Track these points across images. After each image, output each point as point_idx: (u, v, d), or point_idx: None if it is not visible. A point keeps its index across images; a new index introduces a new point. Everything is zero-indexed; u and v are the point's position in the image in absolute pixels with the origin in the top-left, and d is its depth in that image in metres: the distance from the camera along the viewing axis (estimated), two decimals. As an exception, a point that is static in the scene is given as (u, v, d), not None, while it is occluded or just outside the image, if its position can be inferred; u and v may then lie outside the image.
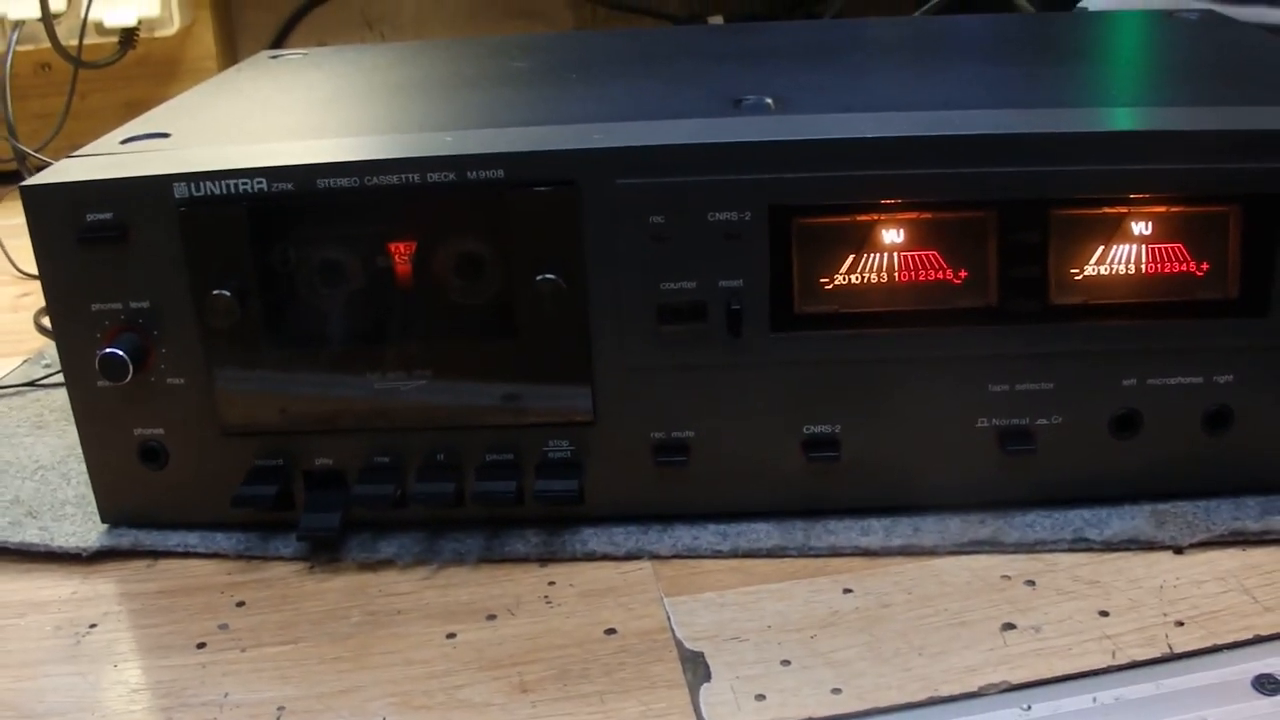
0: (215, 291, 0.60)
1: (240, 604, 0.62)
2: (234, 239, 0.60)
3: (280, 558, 0.65)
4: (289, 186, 0.60)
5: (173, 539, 0.66)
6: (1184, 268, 0.61)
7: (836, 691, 0.54)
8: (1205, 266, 0.60)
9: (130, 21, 1.20)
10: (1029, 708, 0.53)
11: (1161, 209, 0.60)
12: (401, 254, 0.61)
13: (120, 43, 1.22)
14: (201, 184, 0.60)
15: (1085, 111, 0.63)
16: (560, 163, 0.59)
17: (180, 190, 0.60)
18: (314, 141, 0.64)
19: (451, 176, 0.59)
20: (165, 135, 0.67)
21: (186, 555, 0.66)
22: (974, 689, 0.54)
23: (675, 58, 0.84)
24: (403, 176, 0.59)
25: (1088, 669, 0.54)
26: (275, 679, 0.56)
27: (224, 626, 0.60)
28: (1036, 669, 0.54)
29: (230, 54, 1.39)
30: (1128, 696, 0.53)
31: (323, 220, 0.61)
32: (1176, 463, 0.63)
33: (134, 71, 1.25)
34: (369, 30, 1.36)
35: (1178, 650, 0.55)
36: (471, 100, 0.74)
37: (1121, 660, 0.55)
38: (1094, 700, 0.53)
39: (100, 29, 1.20)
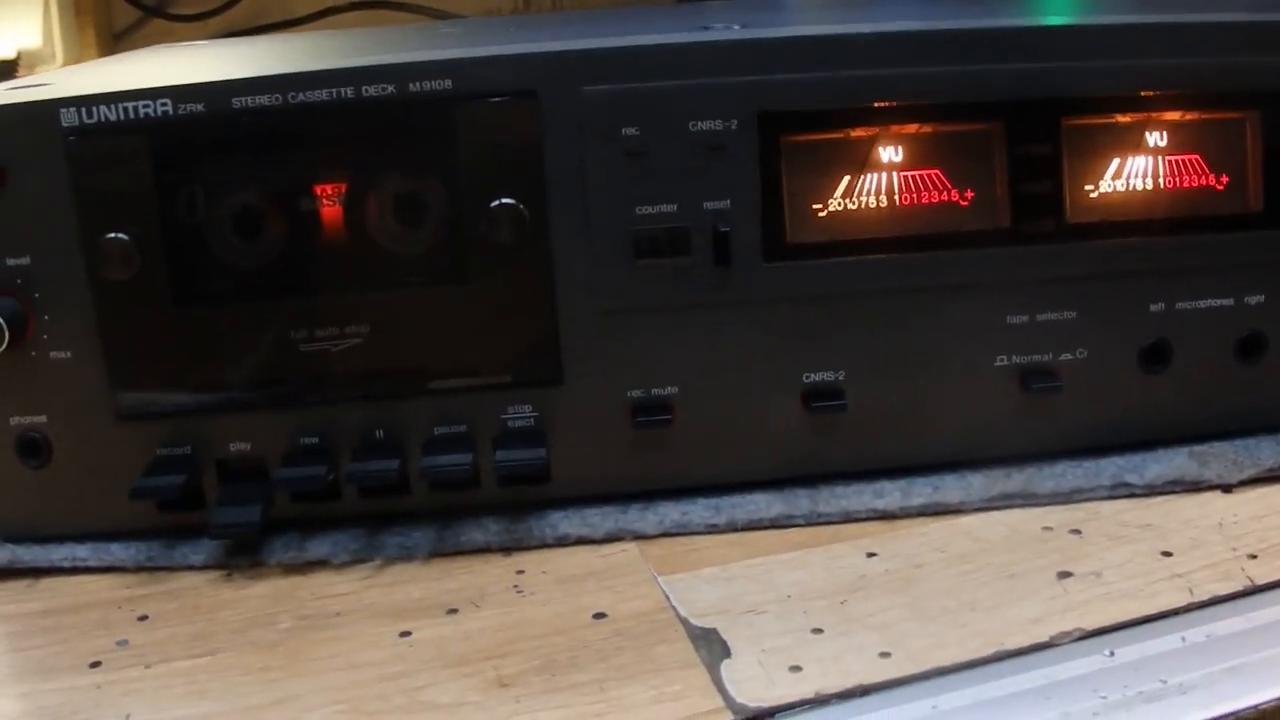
0: (111, 235, 0.48)
1: (143, 618, 0.48)
2: (133, 174, 0.48)
3: (190, 567, 0.51)
4: (199, 108, 0.48)
5: (58, 553, 0.52)
6: (1203, 181, 0.52)
7: (885, 655, 0.43)
8: (1225, 179, 0.52)
9: (9, 54, 1.07)
10: (1112, 653, 0.42)
11: (1175, 116, 0.52)
12: (333, 188, 0.49)
13: (-1, 77, 1.09)
14: (94, 109, 0.48)
15: (1089, 13, 0.55)
16: (517, 69, 0.49)
17: (69, 117, 0.48)
18: (228, 65, 0.52)
19: (391, 90, 0.48)
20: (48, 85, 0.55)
21: (75, 571, 0.52)
22: (1045, 639, 0.43)
23: (626, 17, 0.73)
24: (333, 92, 0.48)
25: (1167, 609, 0.44)
26: (189, 695, 0.43)
27: (123, 643, 0.46)
28: (1109, 613, 0.44)
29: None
30: (1219, 633, 0.43)
31: (240, 150, 0.49)
32: (1211, 398, 0.55)
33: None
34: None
35: (1260, 582, 0.46)
36: (403, 44, 0.63)
37: (1201, 597, 0.45)
38: (1183, 640, 0.43)
39: (-22, 61, 1.07)
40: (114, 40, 1.23)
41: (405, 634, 0.46)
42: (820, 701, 0.41)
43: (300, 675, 0.44)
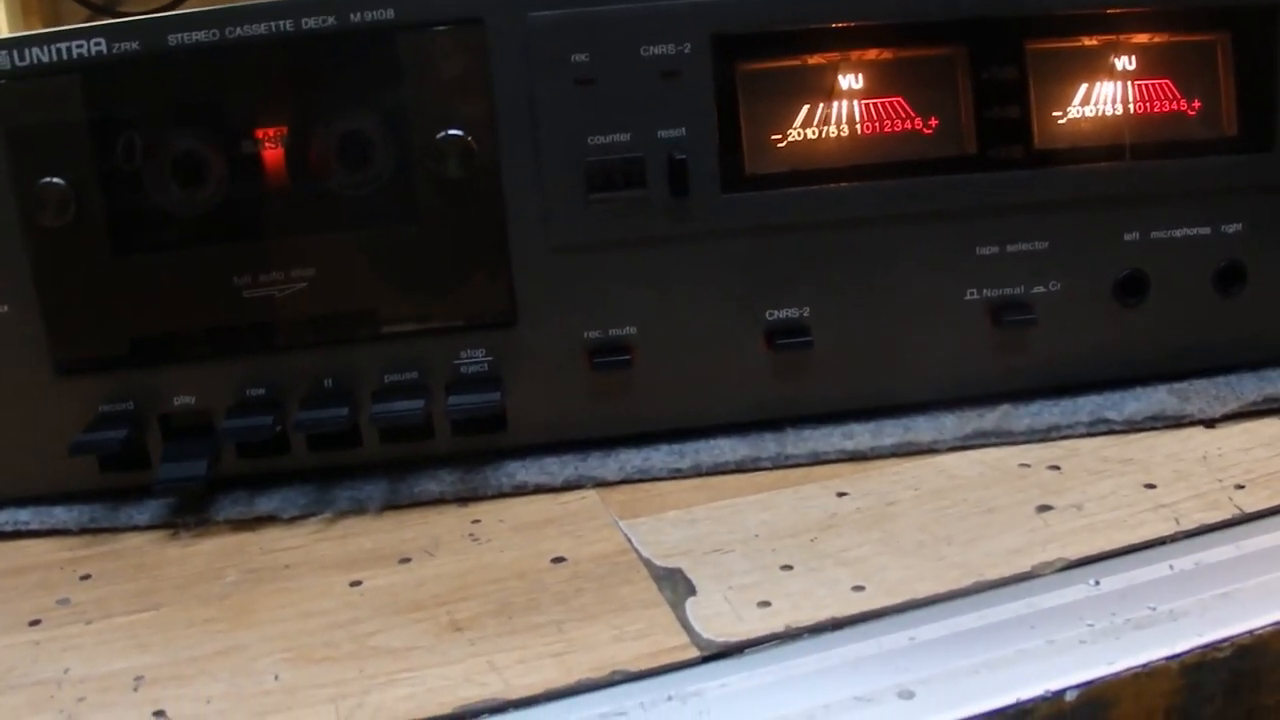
0: (45, 180, 0.45)
1: (85, 577, 0.45)
2: (68, 117, 0.45)
3: (135, 527, 0.49)
4: (133, 46, 0.45)
5: (-2, 517, 0.50)
6: (1174, 106, 0.50)
7: (859, 589, 0.40)
8: (1197, 104, 0.50)
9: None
10: (1097, 583, 0.39)
11: (1144, 39, 0.49)
12: (275, 127, 0.46)
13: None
14: (26, 50, 0.45)
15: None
16: (462, -4, 0.46)
17: (0, 60, 0.45)
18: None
19: (331, 21, 0.45)
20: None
21: (18, 535, 0.49)
22: (1026, 569, 0.40)
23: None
24: (272, 25, 0.45)
25: (1153, 538, 0.42)
26: (130, 648, 0.40)
27: (64, 601, 0.43)
28: (1093, 544, 0.41)
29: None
30: (1209, 560, 0.40)
31: (178, 90, 0.46)
32: (1190, 332, 0.52)
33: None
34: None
35: (1249, 511, 0.43)
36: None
37: (1189, 526, 0.42)
38: (1172, 568, 0.40)
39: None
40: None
41: (356, 583, 0.43)
42: (791, 636, 0.38)
43: (246, 626, 0.41)
